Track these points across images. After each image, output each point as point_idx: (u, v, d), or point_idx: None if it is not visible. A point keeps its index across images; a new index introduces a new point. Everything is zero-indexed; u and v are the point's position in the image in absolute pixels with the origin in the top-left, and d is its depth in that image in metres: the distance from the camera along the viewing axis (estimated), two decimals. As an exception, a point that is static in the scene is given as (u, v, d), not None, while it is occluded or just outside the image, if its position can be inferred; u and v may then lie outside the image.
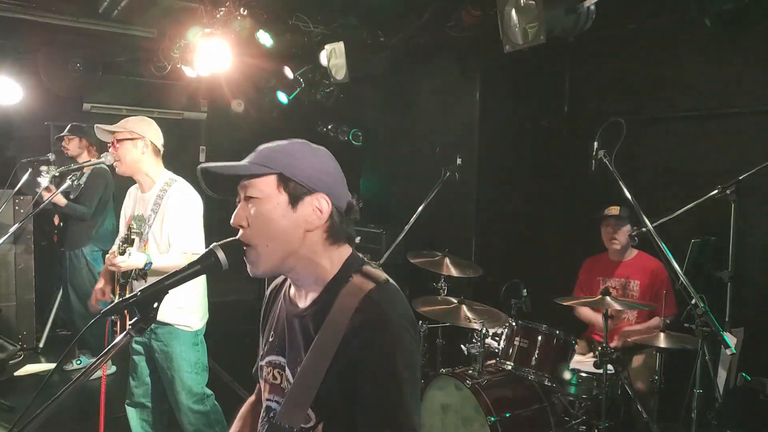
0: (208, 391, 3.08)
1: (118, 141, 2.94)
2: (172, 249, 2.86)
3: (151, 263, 2.77)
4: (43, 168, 4.17)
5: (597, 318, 3.70)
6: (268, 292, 1.54)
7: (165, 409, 3.16)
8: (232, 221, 1.30)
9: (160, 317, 2.80)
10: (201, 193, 3.02)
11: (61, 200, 4.50)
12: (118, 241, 2.94)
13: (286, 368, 1.34)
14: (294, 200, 1.27)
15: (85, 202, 4.70)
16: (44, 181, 4.20)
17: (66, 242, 4.83)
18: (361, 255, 1.39)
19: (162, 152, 3.06)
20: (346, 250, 1.36)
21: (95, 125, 3.05)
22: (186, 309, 2.95)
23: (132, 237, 2.81)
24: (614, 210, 3.61)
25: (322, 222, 1.30)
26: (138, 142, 2.95)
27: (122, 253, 2.76)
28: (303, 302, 1.35)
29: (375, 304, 1.24)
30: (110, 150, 3.01)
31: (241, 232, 1.30)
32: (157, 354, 2.97)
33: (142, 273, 2.85)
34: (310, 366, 1.23)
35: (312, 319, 1.30)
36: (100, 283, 3.03)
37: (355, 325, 1.22)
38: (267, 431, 1.34)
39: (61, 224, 4.94)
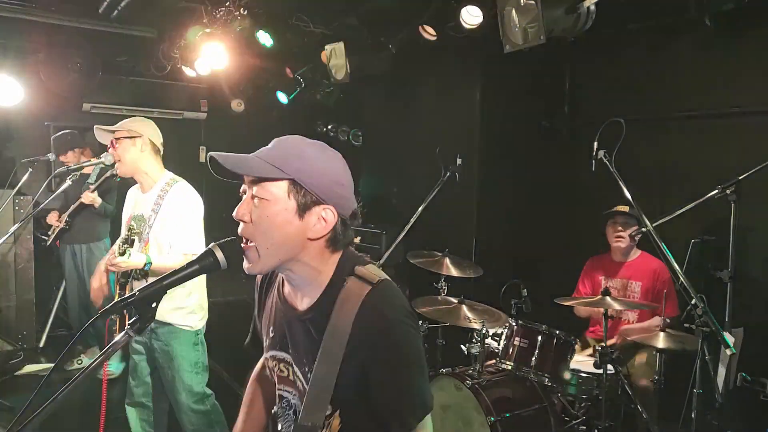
0: (209, 391, 3.08)
1: (117, 140, 2.94)
2: (172, 249, 2.86)
3: (150, 263, 2.77)
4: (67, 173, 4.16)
5: (595, 311, 3.69)
6: (259, 280, 1.56)
7: (165, 409, 3.17)
8: (235, 213, 1.29)
9: (160, 317, 2.82)
10: (202, 194, 3.04)
11: (96, 200, 4.50)
12: (118, 242, 2.94)
13: (293, 365, 1.40)
14: (302, 209, 1.27)
15: (107, 198, 4.71)
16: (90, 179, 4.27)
17: (84, 235, 4.82)
18: (351, 250, 1.39)
19: (162, 152, 3.06)
20: (334, 255, 1.36)
21: (94, 126, 3.03)
22: (186, 308, 2.95)
23: (132, 237, 2.81)
24: (623, 207, 3.60)
25: (325, 232, 1.30)
26: (137, 141, 2.95)
27: (122, 254, 2.76)
28: (300, 304, 1.38)
29: (373, 311, 1.28)
30: (109, 150, 3.00)
31: (242, 225, 1.29)
32: (157, 354, 2.97)
33: (142, 273, 2.85)
34: (322, 372, 1.29)
35: (313, 324, 1.33)
36: (96, 283, 2.99)
37: (359, 332, 1.26)
38: (293, 430, 1.39)
39: (68, 221, 4.92)
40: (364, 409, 1.30)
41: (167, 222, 2.86)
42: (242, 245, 1.29)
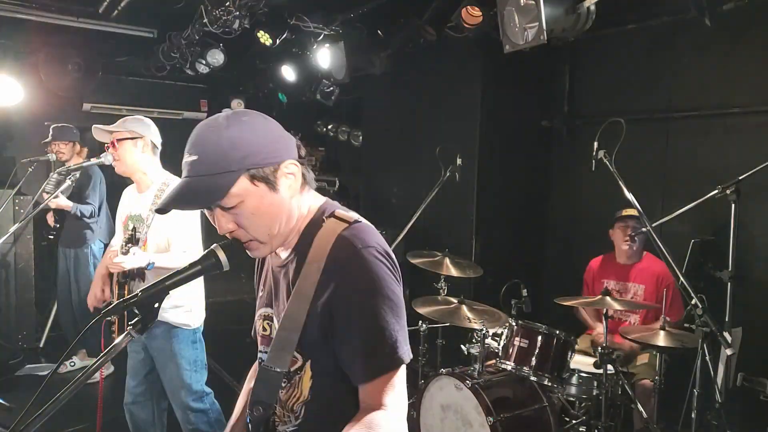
0: (207, 389, 3.08)
1: (118, 141, 2.93)
2: (172, 248, 2.86)
3: (153, 263, 2.77)
4: (53, 175, 4.15)
5: (597, 325, 3.70)
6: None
7: (164, 409, 3.17)
8: (220, 230, 1.27)
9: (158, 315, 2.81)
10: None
11: (67, 204, 4.49)
12: (120, 242, 2.94)
13: (274, 318, 1.38)
14: (271, 183, 1.24)
15: (89, 200, 4.71)
16: (49, 187, 4.20)
17: (70, 240, 4.84)
18: (335, 202, 1.38)
19: (159, 151, 3.06)
20: (316, 198, 1.37)
21: (93, 126, 3.02)
22: (184, 307, 2.95)
23: (137, 236, 2.81)
24: (632, 211, 3.58)
25: (299, 183, 1.29)
26: (138, 142, 2.94)
27: (125, 254, 2.76)
28: (284, 253, 1.36)
29: (345, 241, 1.24)
30: (109, 150, 2.99)
31: (233, 233, 1.26)
32: (155, 353, 2.97)
33: (141, 273, 2.85)
34: (292, 311, 1.26)
35: (292, 267, 1.32)
36: (98, 286, 2.99)
37: (329, 265, 1.23)
38: (259, 377, 1.34)
39: (57, 225, 4.93)
40: (333, 357, 1.25)
41: (167, 221, 2.84)
42: (246, 244, 1.28)
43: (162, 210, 1.23)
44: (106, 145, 3.02)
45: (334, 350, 1.25)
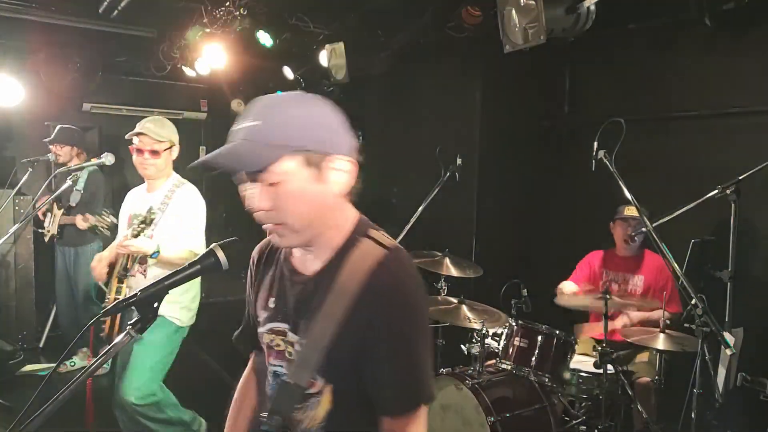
0: (157, 396, 2.97)
1: (162, 151, 2.99)
2: (177, 246, 2.88)
3: (158, 252, 2.80)
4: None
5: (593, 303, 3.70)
6: (256, 255, 1.46)
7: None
8: (251, 206, 1.20)
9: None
10: (201, 194, 3.05)
11: (81, 224, 4.50)
12: (133, 225, 2.93)
13: (289, 334, 1.30)
14: (320, 171, 1.19)
15: (95, 208, 4.73)
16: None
17: (70, 239, 4.83)
18: (365, 218, 1.34)
19: None
20: (352, 211, 1.31)
21: (133, 136, 3.01)
22: (180, 303, 2.98)
23: (151, 217, 2.82)
24: (634, 211, 3.59)
25: (349, 183, 1.23)
26: (174, 149, 3.06)
27: (136, 236, 2.80)
28: (310, 267, 1.30)
29: (386, 271, 1.20)
30: (145, 156, 2.97)
31: (263, 214, 1.20)
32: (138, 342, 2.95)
33: (144, 261, 2.89)
34: (319, 330, 1.20)
35: (320, 285, 1.25)
36: (95, 262, 2.96)
37: (367, 293, 1.19)
38: (277, 393, 1.32)
39: (59, 230, 4.92)
40: (357, 386, 1.22)
41: (176, 220, 2.90)
42: (274, 227, 1.21)
43: (208, 164, 1.17)
44: (131, 146, 3.03)
45: (363, 376, 1.22)
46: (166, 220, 2.90)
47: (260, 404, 1.43)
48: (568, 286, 3.80)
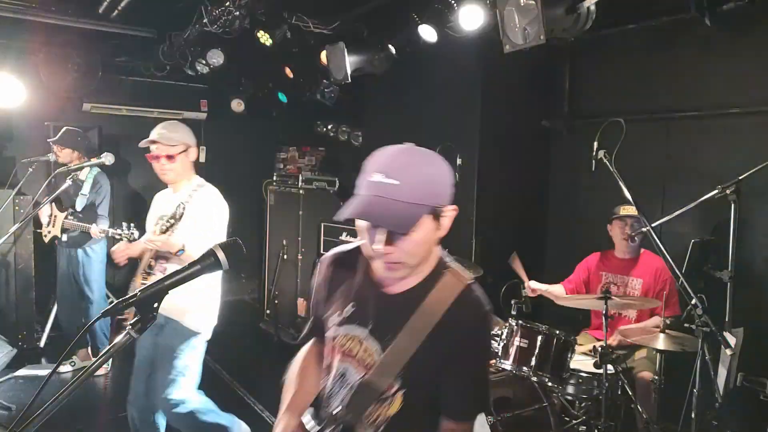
0: (189, 399, 3.03)
1: (176, 155, 2.99)
2: (197, 247, 2.90)
3: (183, 251, 2.84)
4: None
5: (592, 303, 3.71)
6: (329, 262, 1.61)
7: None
8: (383, 250, 1.34)
9: (171, 314, 2.87)
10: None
11: (96, 233, 4.43)
12: (160, 222, 2.97)
13: (367, 341, 1.47)
14: (439, 221, 1.40)
15: (103, 212, 4.76)
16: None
17: (77, 240, 4.84)
18: (444, 251, 1.54)
19: None
20: (438, 247, 1.50)
21: (149, 143, 3.00)
22: (199, 313, 3.01)
23: (179, 212, 2.86)
24: (633, 210, 3.59)
25: (449, 227, 1.44)
26: (190, 151, 3.05)
27: (165, 232, 2.85)
28: (396, 288, 1.47)
29: (474, 300, 1.44)
30: (162, 162, 2.98)
31: (388, 256, 1.36)
32: (159, 348, 3.00)
33: (162, 268, 2.92)
34: (403, 343, 1.40)
35: (406, 304, 1.43)
36: (124, 246, 3.11)
37: (450, 318, 1.39)
38: (356, 390, 1.47)
39: (63, 233, 4.92)
40: (428, 391, 1.43)
41: (195, 222, 2.92)
42: (390, 263, 1.38)
43: (360, 216, 1.32)
44: (149, 154, 3.02)
45: (436, 385, 1.43)
46: (185, 222, 2.92)
47: (318, 395, 1.62)
48: (557, 290, 3.82)
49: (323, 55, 4.91)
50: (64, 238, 4.79)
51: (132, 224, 3.30)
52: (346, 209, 1.32)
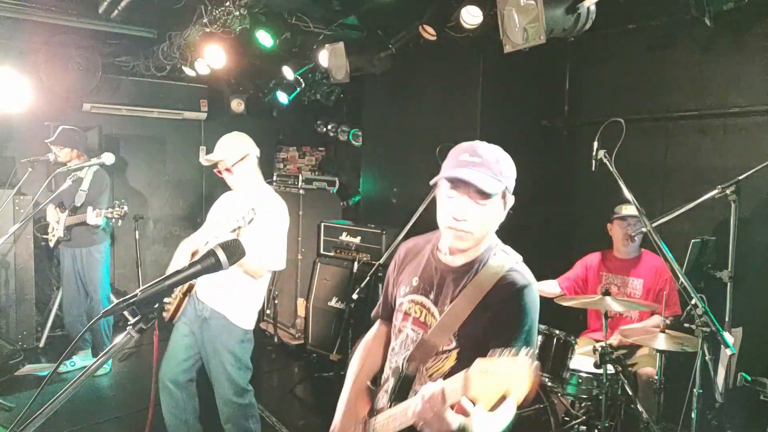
0: (249, 387, 3.17)
1: (233, 166, 3.10)
2: (251, 255, 2.92)
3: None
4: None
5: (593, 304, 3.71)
6: (403, 251, 1.91)
7: (194, 393, 3.22)
8: (458, 215, 1.58)
9: (218, 308, 2.97)
10: (202, 194, 3.06)
11: (94, 219, 4.55)
12: (234, 221, 3.01)
13: (431, 306, 1.71)
14: (505, 202, 1.66)
15: (103, 206, 4.76)
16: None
17: (81, 240, 4.85)
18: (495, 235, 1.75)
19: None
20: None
21: (203, 158, 3.16)
22: (245, 309, 3.08)
23: (247, 216, 2.93)
24: (632, 209, 3.60)
25: (505, 215, 1.69)
26: (247, 159, 3.13)
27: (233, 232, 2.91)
28: (454, 262, 1.71)
29: (513, 279, 1.63)
30: (224, 175, 3.13)
31: (458, 222, 1.59)
32: (206, 343, 3.06)
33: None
34: (459, 306, 1.63)
35: (462, 276, 1.68)
36: (186, 242, 3.17)
37: (497, 290, 1.61)
38: (417, 345, 1.69)
39: (65, 232, 4.92)
40: (477, 353, 1.49)
41: (254, 230, 2.95)
42: (458, 231, 1.59)
43: (459, 180, 1.55)
44: (216, 169, 3.16)
45: (485, 343, 1.52)
46: (250, 228, 2.97)
47: (384, 361, 1.85)
48: (548, 287, 3.82)
49: (323, 55, 4.92)
50: (68, 237, 4.79)
51: (123, 200, 3.31)
52: (443, 173, 1.60)
